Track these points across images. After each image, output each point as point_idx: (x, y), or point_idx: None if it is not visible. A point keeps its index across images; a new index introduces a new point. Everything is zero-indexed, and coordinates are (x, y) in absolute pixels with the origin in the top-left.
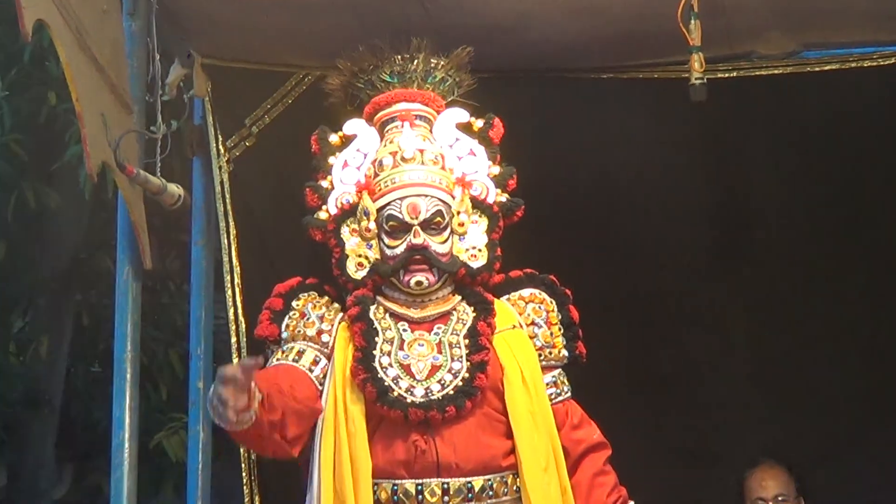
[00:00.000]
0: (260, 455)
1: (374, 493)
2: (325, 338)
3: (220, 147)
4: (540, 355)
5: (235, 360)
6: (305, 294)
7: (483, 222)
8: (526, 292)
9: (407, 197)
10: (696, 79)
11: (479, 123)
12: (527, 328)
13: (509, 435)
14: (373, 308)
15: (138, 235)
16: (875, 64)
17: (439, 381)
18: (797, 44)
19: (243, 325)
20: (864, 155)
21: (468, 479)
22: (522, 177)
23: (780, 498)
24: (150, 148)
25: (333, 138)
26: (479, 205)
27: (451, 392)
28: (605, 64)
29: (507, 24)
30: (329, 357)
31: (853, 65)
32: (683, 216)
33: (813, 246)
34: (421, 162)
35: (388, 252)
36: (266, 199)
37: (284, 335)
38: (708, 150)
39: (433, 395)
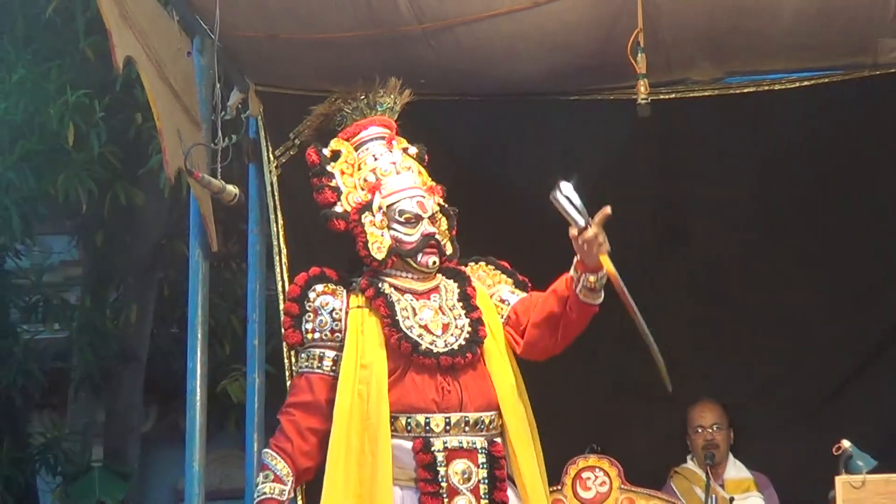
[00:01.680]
0: None
1: (407, 425)
2: (337, 335)
3: (270, 156)
4: (501, 295)
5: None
6: (313, 291)
7: (444, 221)
8: (473, 264)
9: (414, 196)
10: (642, 99)
11: (413, 150)
12: (480, 283)
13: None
14: (382, 286)
15: (207, 225)
16: (784, 87)
17: (452, 335)
18: (722, 72)
19: None
20: (777, 158)
21: (480, 413)
22: (502, 180)
23: (714, 426)
24: (214, 157)
25: (326, 152)
26: (442, 209)
27: (464, 342)
28: (572, 88)
29: (496, 58)
30: (342, 346)
31: (767, 88)
32: (633, 209)
33: (737, 232)
34: (411, 171)
35: (406, 238)
36: (306, 197)
37: (305, 340)
38: (652, 156)
39: (452, 345)
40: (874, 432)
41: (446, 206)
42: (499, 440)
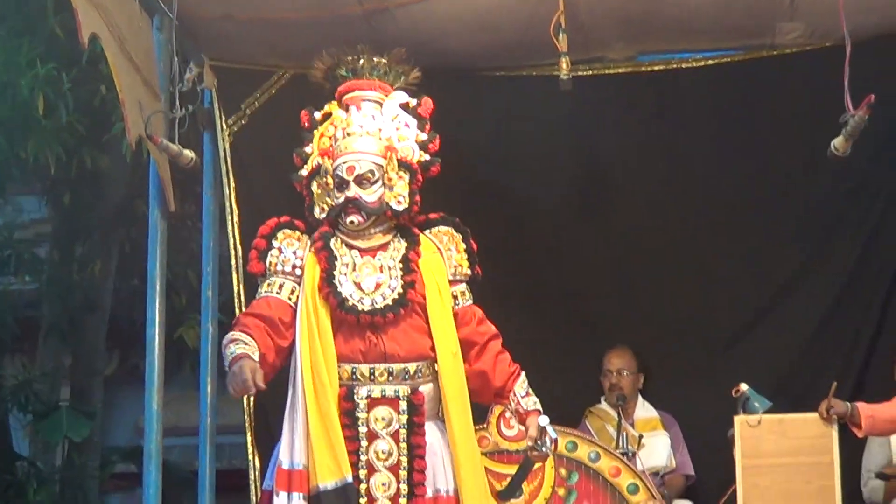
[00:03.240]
0: None
1: (339, 372)
2: (297, 271)
3: (223, 124)
4: (453, 272)
5: (234, 277)
6: (281, 233)
7: (406, 177)
8: (443, 228)
9: (348, 161)
10: (564, 75)
11: (413, 102)
12: (445, 252)
13: (431, 333)
14: (333, 240)
15: (165, 187)
16: (691, 66)
17: (381, 294)
18: (635, 51)
19: (240, 252)
20: (684, 129)
21: (405, 364)
22: (443, 148)
23: (624, 369)
24: (172, 125)
25: (317, 115)
26: (403, 165)
27: (390, 303)
28: (500, 64)
29: (429, 37)
30: (300, 282)
31: (675, 66)
32: (555, 175)
33: (649, 196)
34: (360, 135)
35: (336, 202)
36: (256, 162)
37: (269, 270)
38: (572, 128)
39: (377, 304)
40: (768, 377)
41: (430, 158)
42: (423, 389)
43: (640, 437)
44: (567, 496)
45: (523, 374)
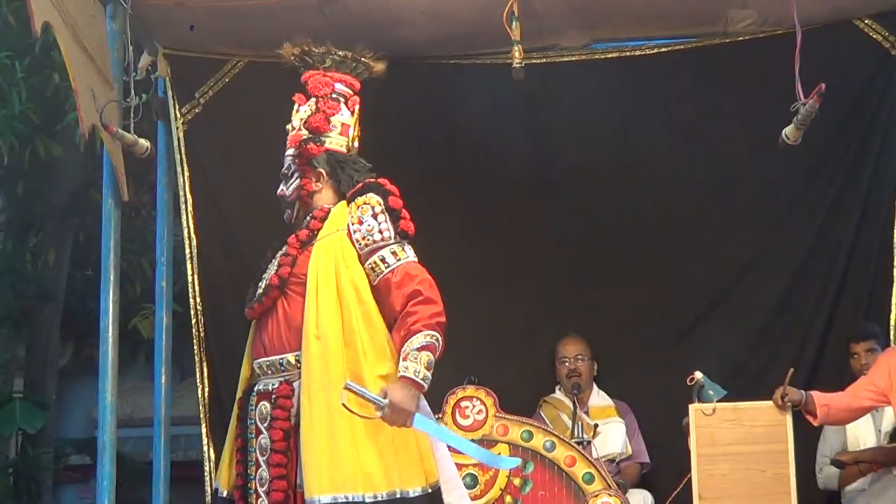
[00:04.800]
0: (206, 335)
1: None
2: None
3: (177, 113)
4: (362, 245)
5: (189, 266)
6: None
7: (318, 168)
8: (360, 198)
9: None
10: (516, 64)
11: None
12: (352, 226)
13: None
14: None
15: (118, 177)
16: (645, 53)
17: (261, 286)
18: (589, 39)
19: (194, 241)
20: (637, 117)
21: (278, 356)
22: (389, 140)
23: (578, 357)
24: (126, 114)
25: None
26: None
27: (260, 293)
28: (453, 53)
29: (382, 25)
30: None
31: (629, 53)
32: (506, 164)
33: (600, 185)
34: (290, 130)
35: None
36: (210, 150)
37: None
38: (524, 116)
39: (253, 297)
40: (722, 365)
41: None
42: (295, 382)
43: (596, 425)
44: (522, 486)
45: (421, 333)
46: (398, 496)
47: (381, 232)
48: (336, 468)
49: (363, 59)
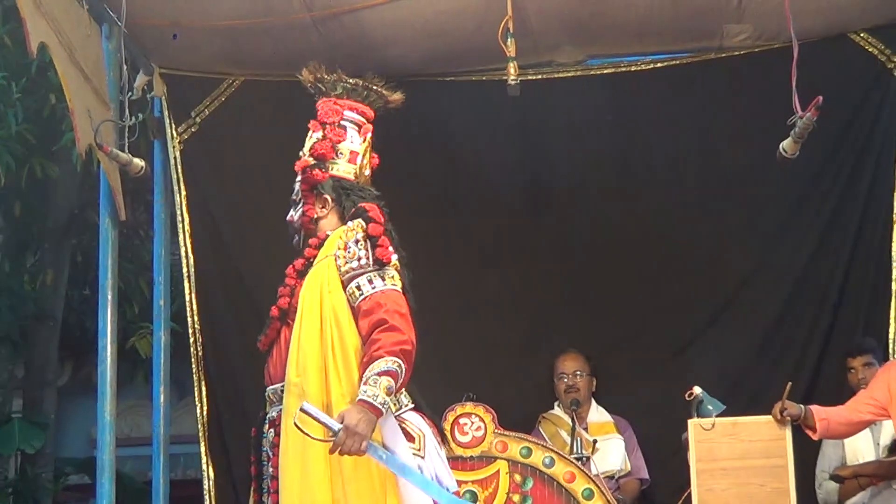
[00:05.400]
0: (204, 353)
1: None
2: None
3: (174, 132)
4: (343, 272)
5: (186, 285)
6: None
7: (323, 194)
8: (351, 224)
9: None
10: (512, 80)
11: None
12: (340, 251)
13: None
14: None
15: (115, 196)
16: (640, 69)
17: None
18: (584, 55)
19: (191, 260)
20: (633, 134)
21: (279, 384)
22: (384, 157)
23: (577, 373)
24: (122, 133)
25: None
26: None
27: (267, 324)
28: (447, 70)
29: (378, 44)
30: None
31: (624, 69)
32: (503, 182)
33: (597, 201)
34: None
35: None
36: (207, 169)
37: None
38: (520, 133)
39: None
40: (721, 380)
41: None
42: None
43: (595, 441)
44: (522, 502)
45: (382, 359)
46: None
47: (359, 259)
48: (308, 496)
49: (374, 87)
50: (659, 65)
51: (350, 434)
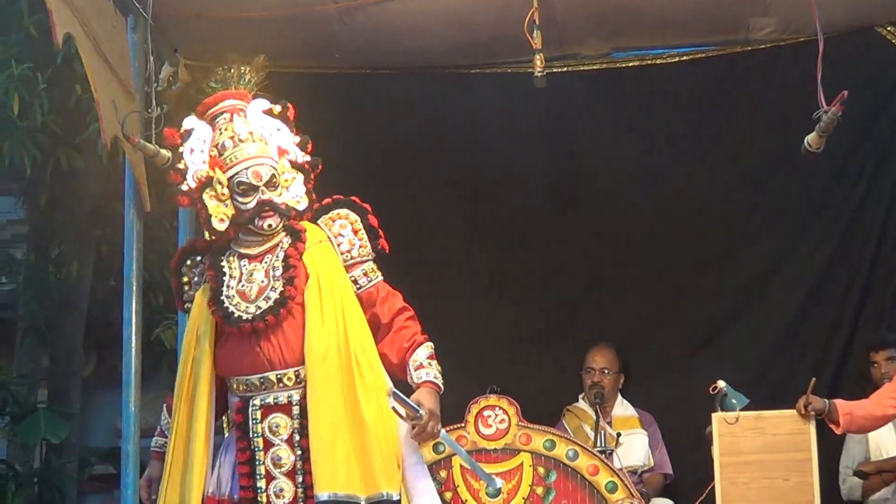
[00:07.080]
0: None
1: (238, 385)
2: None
3: None
4: (347, 258)
5: None
6: (184, 265)
7: (300, 177)
8: (335, 212)
9: (251, 166)
10: (538, 72)
11: (277, 108)
12: (334, 239)
13: None
14: (224, 258)
15: (140, 187)
16: (666, 62)
17: (265, 298)
18: (609, 47)
19: None
20: (658, 126)
21: (289, 369)
22: (410, 148)
23: (604, 370)
24: (148, 125)
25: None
26: (294, 165)
27: (273, 304)
28: (472, 62)
29: (403, 34)
30: None
31: (650, 62)
32: (529, 175)
33: (622, 195)
34: (252, 141)
35: (243, 207)
36: None
37: (186, 308)
38: (547, 121)
39: (260, 309)
40: (745, 373)
41: (312, 158)
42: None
43: (618, 435)
44: (545, 495)
45: (424, 344)
46: (384, 498)
47: (361, 248)
48: (346, 467)
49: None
50: (684, 58)
51: (433, 417)
